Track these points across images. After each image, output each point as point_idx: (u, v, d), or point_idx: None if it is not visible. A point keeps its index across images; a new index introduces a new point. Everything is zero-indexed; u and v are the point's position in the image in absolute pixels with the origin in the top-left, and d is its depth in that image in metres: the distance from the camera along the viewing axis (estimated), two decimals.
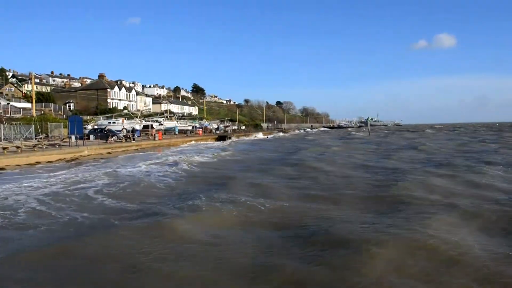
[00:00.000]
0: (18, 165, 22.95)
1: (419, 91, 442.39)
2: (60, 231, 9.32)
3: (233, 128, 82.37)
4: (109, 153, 32.01)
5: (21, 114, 51.90)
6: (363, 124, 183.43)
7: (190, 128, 64.28)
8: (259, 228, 9.38)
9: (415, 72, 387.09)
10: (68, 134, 34.77)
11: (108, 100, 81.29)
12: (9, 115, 50.05)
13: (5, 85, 79.18)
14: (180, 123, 68.38)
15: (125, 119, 57.86)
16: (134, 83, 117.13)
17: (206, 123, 79.71)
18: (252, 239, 8.44)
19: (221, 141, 55.75)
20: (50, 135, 35.75)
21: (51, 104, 65.16)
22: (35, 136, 34.11)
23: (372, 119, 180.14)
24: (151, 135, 47.06)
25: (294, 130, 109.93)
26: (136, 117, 64.29)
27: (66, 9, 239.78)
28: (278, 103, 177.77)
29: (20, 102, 65.57)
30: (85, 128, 42.01)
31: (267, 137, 74.09)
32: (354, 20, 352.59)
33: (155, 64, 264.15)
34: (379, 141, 51.85)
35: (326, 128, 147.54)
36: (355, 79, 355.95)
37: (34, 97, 51.52)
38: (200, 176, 18.94)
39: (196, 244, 8.08)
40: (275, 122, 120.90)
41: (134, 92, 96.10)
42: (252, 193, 13.51)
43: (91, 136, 40.44)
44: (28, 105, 59.19)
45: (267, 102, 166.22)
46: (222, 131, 70.67)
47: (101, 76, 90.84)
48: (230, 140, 57.15)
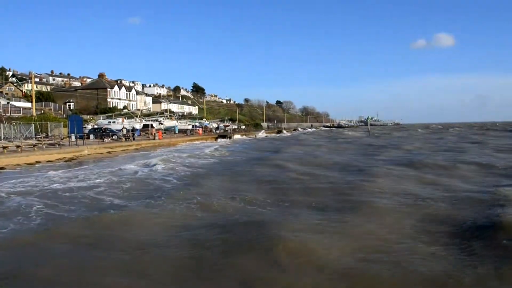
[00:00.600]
0: (18, 164, 22.98)
1: (419, 90, 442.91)
2: None
3: (233, 127, 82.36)
4: (109, 152, 32.04)
5: (21, 114, 51.92)
6: (363, 124, 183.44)
7: (190, 127, 64.27)
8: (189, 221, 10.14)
9: (415, 72, 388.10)
10: (68, 133, 34.79)
11: (108, 100, 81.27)
12: (9, 114, 50.01)
13: (5, 84, 79.20)
14: (180, 123, 68.39)
15: (125, 119, 57.83)
16: (134, 82, 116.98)
17: (206, 122, 79.72)
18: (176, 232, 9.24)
19: (221, 140, 55.78)
20: (50, 134, 35.74)
21: (51, 104, 65.18)
22: (35, 135, 34.15)
23: (372, 118, 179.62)
24: (151, 134, 47.11)
25: (294, 130, 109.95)
26: (136, 116, 64.27)
27: (66, 8, 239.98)
28: (278, 102, 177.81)
29: (20, 101, 65.53)
30: (85, 127, 42.00)
31: (266, 136, 75.26)
32: (354, 20, 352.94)
33: (155, 64, 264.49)
34: (369, 141, 50.78)
35: (326, 128, 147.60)
36: (355, 78, 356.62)
37: (34, 96, 51.58)
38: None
39: None
40: (275, 122, 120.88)
41: (134, 91, 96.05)
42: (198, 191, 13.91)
43: (91, 136, 40.50)
44: (28, 104, 59.23)
45: (267, 102, 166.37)
46: (222, 131, 70.65)
47: (101, 75, 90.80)
48: (230, 139, 57.20)
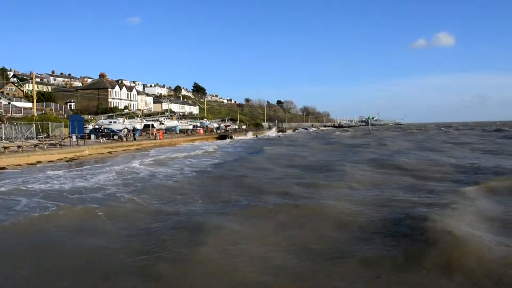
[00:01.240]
0: (19, 164, 23.02)
1: (419, 90, 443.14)
2: None
3: (234, 127, 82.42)
4: (110, 152, 32.09)
5: (22, 114, 52.01)
6: (364, 123, 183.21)
7: (191, 127, 64.26)
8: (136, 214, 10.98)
9: (415, 71, 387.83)
10: (69, 133, 34.80)
11: (109, 100, 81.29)
12: (10, 115, 50.11)
13: (6, 84, 79.41)
14: (181, 123, 68.36)
15: (126, 119, 57.85)
16: (135, 82, 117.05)
17: (207, 122, 79.63)
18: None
19: (221, 140, 55.78)
20: (51, 134, 35.73)
21: (52, 104, 65.31)
22: (36, 135, 34.14)
23: (372, 118, 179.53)
24: (152, 134, 47.12)
25: (294, 130, 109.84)
26: (137, 116, 64.26)
27: (66, 8, 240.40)
28: (279, 102, 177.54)
29: (21, 101, 65.65)
30: (86, 127, 42.00)
31: (267, 135, 75.50)
32: (354, 20, 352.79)
33: (156, 64, 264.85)
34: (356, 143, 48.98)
35: (327, 128, 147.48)
36: (356, 78, 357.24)
37: (35, 96, 51.66)
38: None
39: None
40: (276, 122, 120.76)
41: (135, 91, 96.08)
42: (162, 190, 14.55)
43: (92, 136, 40.52)
44: (29, 104, 59.33)
45: (268, 102, 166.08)
46: (223, 130, 70.71)
47: (102, 75, 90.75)
48: (230, 139, 57.20)
